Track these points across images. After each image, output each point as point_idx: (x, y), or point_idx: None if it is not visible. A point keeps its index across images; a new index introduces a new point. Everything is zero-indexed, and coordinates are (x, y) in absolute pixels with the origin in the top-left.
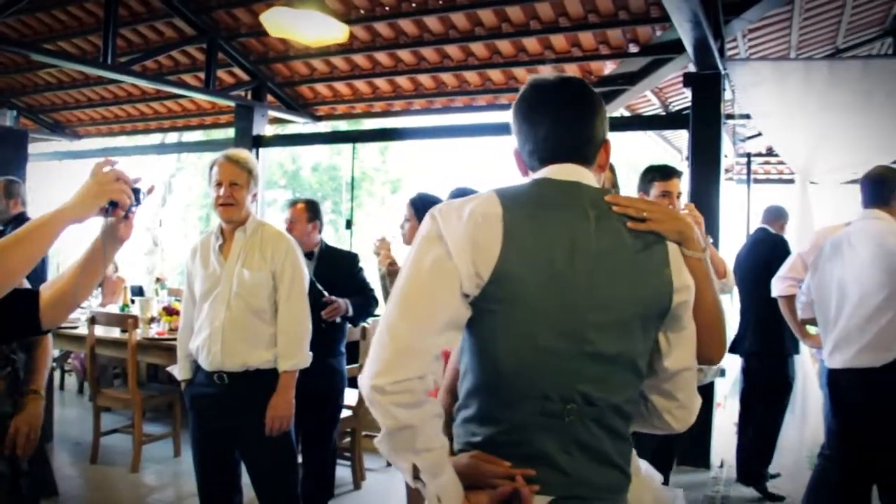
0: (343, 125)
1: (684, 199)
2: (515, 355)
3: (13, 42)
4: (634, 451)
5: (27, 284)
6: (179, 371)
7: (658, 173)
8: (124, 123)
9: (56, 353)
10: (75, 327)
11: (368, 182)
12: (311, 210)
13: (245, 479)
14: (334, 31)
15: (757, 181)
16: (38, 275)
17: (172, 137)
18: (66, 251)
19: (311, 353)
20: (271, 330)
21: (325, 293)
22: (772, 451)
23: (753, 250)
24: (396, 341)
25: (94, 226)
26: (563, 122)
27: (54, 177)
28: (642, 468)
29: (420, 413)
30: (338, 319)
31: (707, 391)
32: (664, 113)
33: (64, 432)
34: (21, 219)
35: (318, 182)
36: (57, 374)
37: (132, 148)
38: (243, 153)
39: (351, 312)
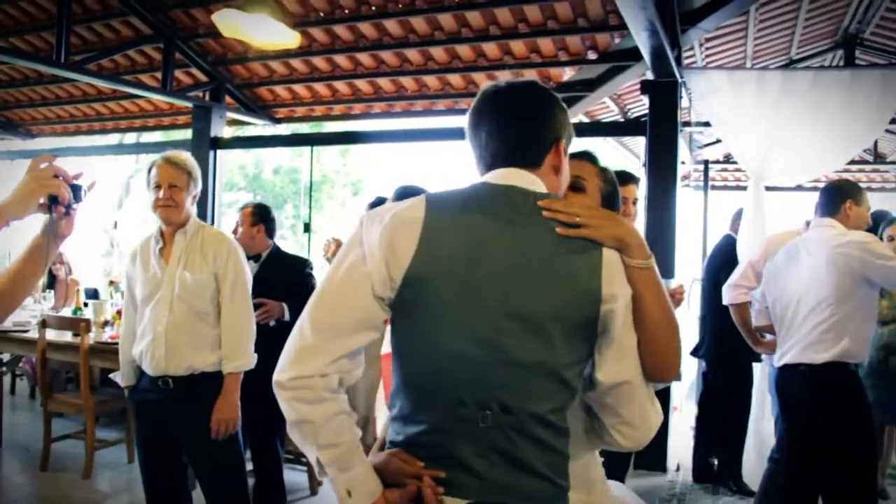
0: (304, 128)
1: (641, 204)
2: (429, 359)
3: None
4: (597, 473)
5: None
6: (122, 377)
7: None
8: (80, 123)
9: (6, 357)
10: (26, 331)
11: (329, 185)
12: (257, 214)
13: (196, 486)
14: (286, 37)
15: (714, 188)
16: None
17: (131, 138)
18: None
19: (255, 355)
20: (215, 332)
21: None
22: (740, 452)
23: (717, 256)
24: (301, 340)
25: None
26: (502, 125)
27: (5, 176)
28: (614, 490)
29: (319, 409)
30: (272, 322)
31: (663, 395)
32: (623, 119)
33: (14, 438)
34: None
35: (280, 184)
36: (8, 379)
37: (89, 148)
38: (182, 155)
39: (287, 316)
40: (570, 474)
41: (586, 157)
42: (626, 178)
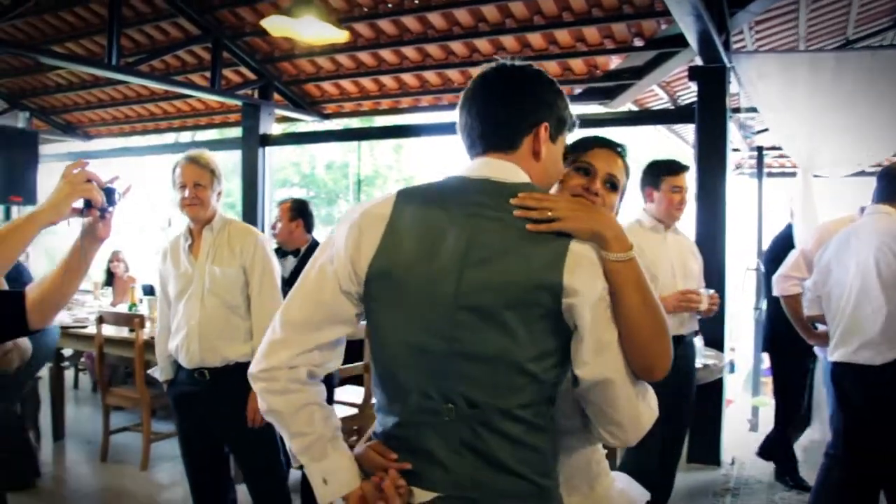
0: (353, 123)
1: (691, 193)
2: (392, 352)
3: (20, 44)
4: (600, 467)
5: (5, 286)
6: (161, 372)
7: (665, 168)
8: (135, 124)
9: (68, 352)
10: (84, 327)
11: (382, 180)
12: (295, 209)
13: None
14: (334, 34)
15: (771, 175)
16: (19, 277)
17: (186, 137)
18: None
19: None
20: (247, 324)
21: None
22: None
23: (777, 245)
24: (273, 334)
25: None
26: (483, 108)
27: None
28: (618, 482)
29: (286, 400)
30: None
31: (716, 387)
32: (672, 107)
33: (77, 430)
34: None
35: (333, 180)
36: (70, 373)
37: (145, 148)
38: (205, 154)
39: None
40: (562, 471)
41: (618, 149)
42: (677, 167)
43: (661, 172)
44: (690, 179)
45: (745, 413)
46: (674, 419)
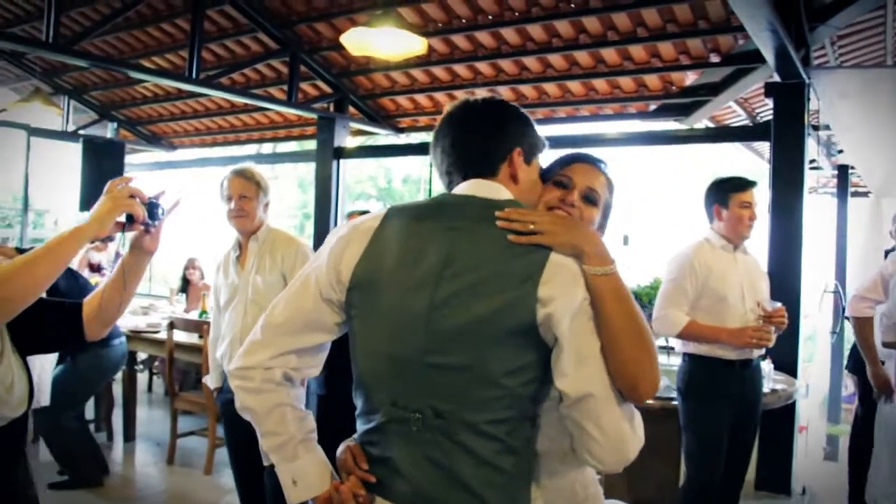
0: (428, 137)
1: (764, 210)
2: (369, 360)
3: (109, 59)
4: (587, 492)
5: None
6: (211, 380)
7: (734, 185)
8: (216, 135)
9: (143, 356)
10: (157, 332)
11: None
12: None
13: None
14: (413, 45)
15: (857, 194)
16: (77, 288)
17: (267, 148)
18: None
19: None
20: None
21: None
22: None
23: None
24: (254, 335)
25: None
26: (456, 141)
27: (151, 185)
28: None
29: (259, 399)
30: None
31: (787, 413)
32: (751, 124)
33: (148, 433)
34: None
35: (410, 194)
36: (144, 377)
37: (227, 158)
38: (251, 167)
39: None
40: (544, 496)
41: (599, 165)
42: (745, 183)
43: (728, 189)
44: (760, 196)
45: (821, 441)
46: (738, 443)
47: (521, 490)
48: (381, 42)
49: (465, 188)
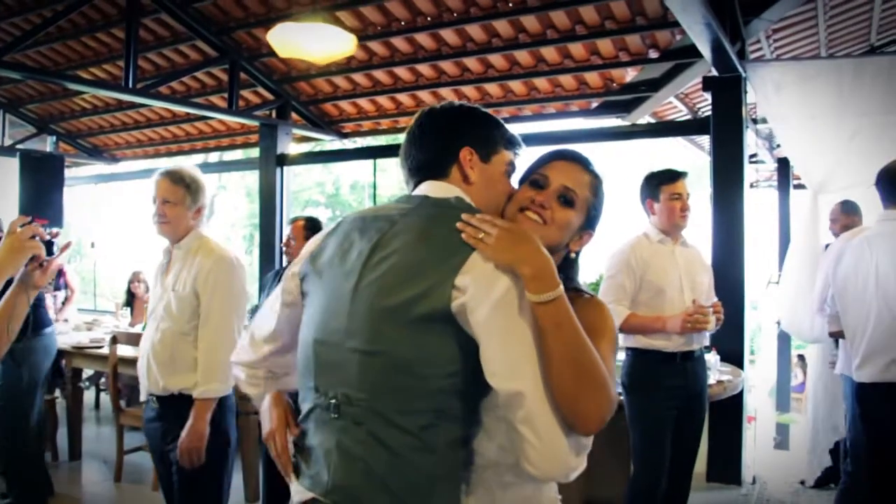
0: (376, 142)
1: (707, 206)
2: (301, 347)
3: (44, 70)
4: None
5: None
6: (142, 393)
7: (663, 178)
8: (159, 146)
9: (89, 372)
10: (100, 347)
11: None
12: (310, 227)
13: None
14: (343, 44)
15: (799, 187)
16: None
17: (214, 157)
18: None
19: (232, 382)
20: (195, 353)
21: None
22: None
23: None
24: (243, 337)
25: None
26: (410, 146)
27: (92, 198)
28: None
29: (252, 387)
30: None
31: (736, 404)
32: (691, 118)
33: (94, 450)
34: None
35: (357, 200)
36: (91, 393)
37: None
38: (183, 169)
39: None
40: None
41: (580, 161)
42: (673, 174)
43: (658, 182)
44: (693, 187)
45: (771, 430)
46: (684, 436)
47: (444, 494)
48: (310, 41)
49: (420, 189)
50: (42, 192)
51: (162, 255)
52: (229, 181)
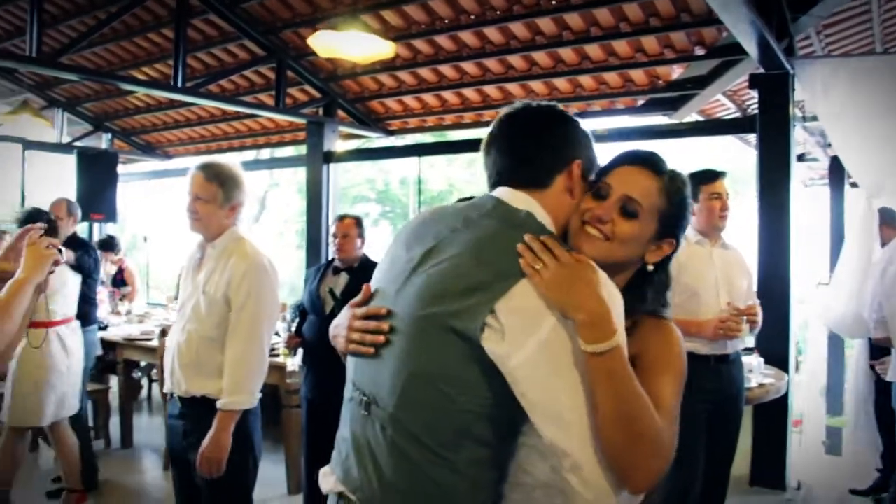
0: (425, 139)
1: (750, 201)
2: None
3: (94, 71)
4: None
5: None
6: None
7: (702, 177)
8: (210, 143)
9: (143, 363)
10: (150, 339)
11: (459, 193)
12: (361, 225)
13: None
14: (381, 48)
15: (856, 185)
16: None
17: (266, 153)
18: None
19: (258, 394)
20: (223, 358)
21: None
22: None
23: None
24: None
25: None
26: (512, 144)
27: (147, 193)
28: None
29: None
30: None
31: (781, 406)
32: (741, 116)
33: (147, 440)
34: (74, 239)
35: (406, 196)
36: (145, 383)
37: None
38: (218, 163)
39: None
40: None
41: (647, 164)
42: (711, 174)
43: (697, 182)
44: (742, 185)
45: (820, 434)
46: (720, 440)
47: None
48: (349, 45)
49: (498, 192)
50: (97, 187)
51: (196, 249)
52: (282, 177)
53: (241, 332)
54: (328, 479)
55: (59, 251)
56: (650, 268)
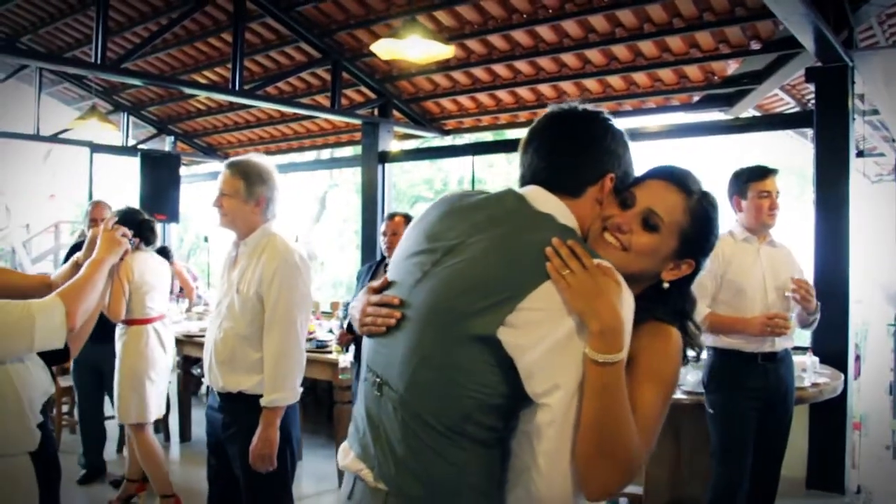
0: (483, 138)
1: (810, 199)
2: None
3: (153, 75)
4: None
5: None
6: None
7: (752, 174)
8: (269, 144)
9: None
10: (203, 336)
11: None
12: (407, 222)
13: None
14: (441, 51)
15: None
16: None
17: (327, 154)
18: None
19: (300, 389)
20: (258, 355)
21: None
22: None
23: None
24: None
25: None
26: (552, 147)
27: (208, 195)
28: None
29: None
30: None
31: (839, 407)
32: (800, 111)
33: (201, 434)
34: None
35: None
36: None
37: (286, 165)
38: (245, 160)
39: None
40: None
41: (677, 181)
42: (762, 171)
43: (746, 179)
44: (800, 181)
45: (885, 438)
46: (768, 439)
47: (476, 489)
48: (410, 48)
49: (526, 189)
50: (160, 188)
51: (231, 247)
52: (341, 178)
53: (277, 328)
54: (347, 455)
55: (130, 241)
56: (665, 285)
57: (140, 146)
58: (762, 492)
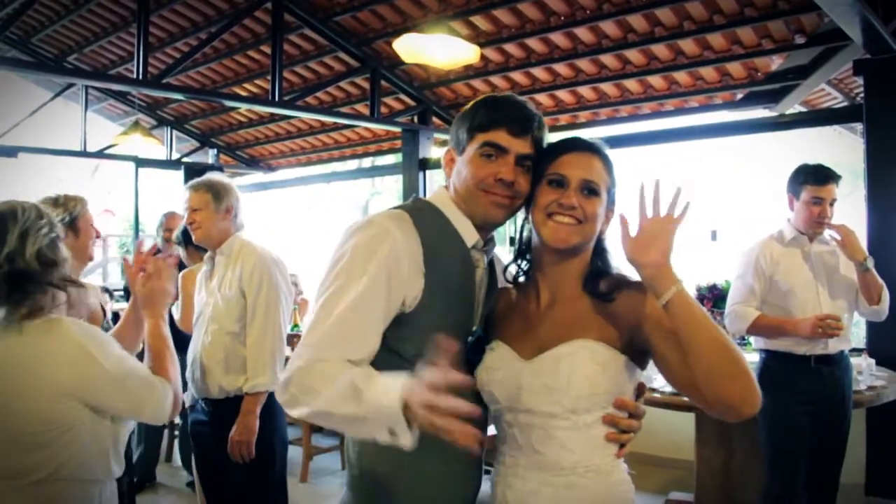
0: None
1: (861, 198)
2: None
3: (193, 89)
4: None
5: None
6: (187, 396)
7: (811, 176)
8: (311, 154)
9: None
10: None
11: None
12: None
13: None
14: (466, 53)
15: None
16: None
17: (367, 162)
18: None
19: (279, 376)
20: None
21: None
22: None
23: None
24: None
25: None
26: None
27: (251, 205)
28: None
29: None
30: None
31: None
32: (848, 105)
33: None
34: None
35: None
36: None
37: (329, 175)
38: (205, 177)
39: None
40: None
41: (589, 148)
42: (826, 175)
43: (803, 180)
44: (852, 180)
45: None
46: (825, 445)
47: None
48: (435, 50)
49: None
50: None
51: (205, 263)
52: (383, 186)
53: (259, 317)
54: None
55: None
56: (604, 237)
57: (184, 160)
58: (820, 499)
